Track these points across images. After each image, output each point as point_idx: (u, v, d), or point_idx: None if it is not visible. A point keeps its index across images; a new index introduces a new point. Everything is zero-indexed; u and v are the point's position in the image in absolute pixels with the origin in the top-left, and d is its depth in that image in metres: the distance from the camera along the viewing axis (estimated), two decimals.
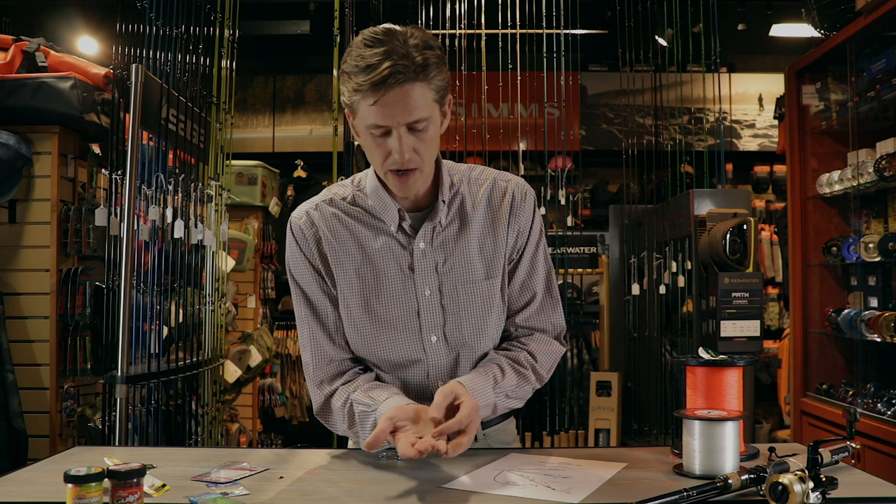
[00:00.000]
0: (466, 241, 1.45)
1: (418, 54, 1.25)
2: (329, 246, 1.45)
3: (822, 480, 1.09)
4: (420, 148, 1.31)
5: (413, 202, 1.44)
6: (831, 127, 3.37)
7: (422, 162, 1.34)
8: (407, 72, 1.23)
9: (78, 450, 1.54)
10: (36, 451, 2.60)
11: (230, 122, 3.39)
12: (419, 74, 1.25)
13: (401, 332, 1.44)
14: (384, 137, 1.30)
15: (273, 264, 5.41)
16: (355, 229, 1.45)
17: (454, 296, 1.44)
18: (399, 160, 1.30)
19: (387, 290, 1.44)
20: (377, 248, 1.44)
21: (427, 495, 1.19)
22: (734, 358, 1.39)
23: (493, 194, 1.48)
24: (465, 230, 1.45)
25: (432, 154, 1.36)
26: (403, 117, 1.26)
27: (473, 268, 1.45)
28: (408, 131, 1.29)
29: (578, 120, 5.89)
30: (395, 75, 1.22)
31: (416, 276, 1.43)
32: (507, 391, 1.42)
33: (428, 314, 1.44)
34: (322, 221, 1.45)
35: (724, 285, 3.28)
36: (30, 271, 2.76)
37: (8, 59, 2.82)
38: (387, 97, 1.24)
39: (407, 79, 1.24)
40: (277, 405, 5.16)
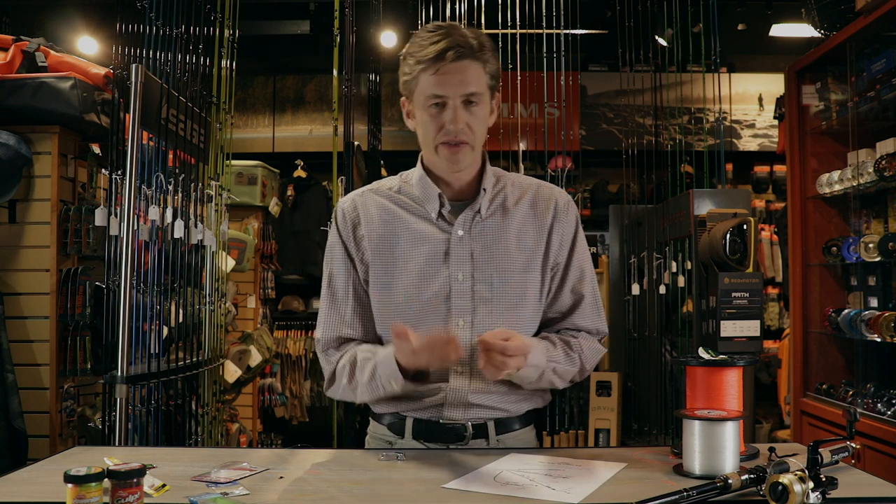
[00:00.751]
0: (505, 234, 1.52)
1: (475, 39, 1.42)
2: (368, 228, 1.54)
3: (822, 480, 1.09)
4: (472, 123, 1.44)
5: (456, 192, 1.53)
6: (831, 127, 3.37)
7: (472, 137, 1.45)
8: (464, 49, 1.40)
9: (78, 450, 1.54)
10: (36, 451, 2.60)
11: (230, 122, 3.38)
12: (475, 53, 1.41)
13: (429, 313, 1.49)
14: (440, 109, 1.43)
15: (273, 264, 5.41)
16: (397, 214, 1.54)
17: (487, 283, 1.49)
18: (453, 129, 1.43)
19: (419, 271, 1.50)
20: (416, 232, 1.52)
21: (427, 495, 1.19)
22: (734, 358, 1.39)
23: (537, 197, 1.57)
24: (506, 223, 1.53)
25: (481, 134, 1.48)
26: (459, 88, 1.41)
27: (510, 259, 1.51)
28: (462, 105, 1.42)
29: (578, 120, 5.88)
30: (455, 48, 1.39)
31: (451, 261, 1.49)
32: (556, 363, 1.49)
33: (458, 299, 1.49)
34: (365, 206, 1.56)
35: (724, 285, 3.28)
36: (30, 271, 2.76)
37: (8, 59, 2.82)
38: (446, 68, 1.40)
39: (464, 55, 1.40)
40: (277, 405, 5.16)
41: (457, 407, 1.50)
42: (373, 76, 3.93)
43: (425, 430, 1.52)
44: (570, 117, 4.82)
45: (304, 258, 5.56)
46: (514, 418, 1.55)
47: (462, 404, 1.50)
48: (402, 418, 1.54)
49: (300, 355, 5.53)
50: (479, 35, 1.44)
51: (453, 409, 1.50)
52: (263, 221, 5.16)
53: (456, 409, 1.50)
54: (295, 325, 5.62)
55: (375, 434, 1.61)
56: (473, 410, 1.51)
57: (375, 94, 3.98)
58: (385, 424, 1.57)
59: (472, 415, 1.51)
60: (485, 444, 1.52)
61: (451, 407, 1.50)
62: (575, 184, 4.81)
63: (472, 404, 1.50)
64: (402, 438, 1.54)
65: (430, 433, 1.51)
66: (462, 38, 1.40)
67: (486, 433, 1.52)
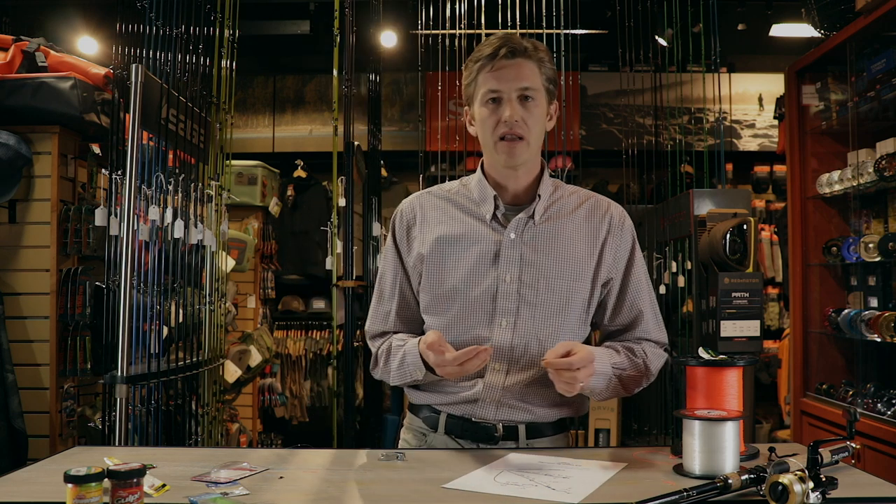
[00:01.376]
0: (557, 241, 1.55)
1: (529, 43, 1.51)
2: (423, 227, 1.60)
3: (822, 480, 1.09)
4: (528, 118, 1.50)
5: (512, 196, 1.58)
6: (831, 127, 3.37)
7: (528, 132, 1.50)
8: (517, 48, 1.49)
9: (78, 450, 1.54)
10: (36, 451, 2.60)
11: (230, 122, 3.38)
12: (528, 52, 1.50)
13: (476, 310, 1.53)
14: (497, 105, 1.50)
15: (273, 264, 5.41)
16: (453, 213, 1.60)
17: (534, 287, 1.52)
18: (509, 121, 1.48)
19: (469, 269, 1.54)
20: (469, 231, 1.57)
21: (427, 495, 1.19)
22: (734, 358, 1.39)
23: (593, 210, 1.60)
24: (558, 231, 1.55)
25: (538, 133, 1.53)
26: (515, 83, 1.48)
27: (559, 266, 1.53)
28: (518, 100, 1.49)
29: (578, 120, 5.88)
30: (508, 46, 1.48)
31: (500, 263, 1.53)
32: (621, 369, 1.52)
33: (504, 299, 1.52)
34: (422, 207, 1.63)
35: (724, 285, 3.28)
36: (30, 271, 2.76)
37: (8, 59, 2.82)
38: (502, 63, 1.48)
39: (518, 53, 1.49)
40: (277, 405, 5.16)
41: (489, 404, 1.52)
42: (373, 76, 3.93)
43: (457, 427, 1.54)
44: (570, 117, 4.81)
45: (304, 258, 5.56)
46: (546, 424, 1.56)
47: (494, 402, 1.52)
48: (437, 412, 1.57)
49: (300, 355, 5.53)
50: (535, 42, 1.53)
51: (486, 406, 1.52)
52: (263, 221, 5.15)
53: (488, 406, 1.52)
54: (295, 325, 5.62)
55: (412, 426, 1.64)
56: (504, 410, 1.53)
57: (375, 94, 3.98)
58: (421, 417, 1.61)
59: (503, 415, 1.53)
60: (514, 446, 1.53)
61: (483, 403, 1.52)
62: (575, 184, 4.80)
63: (504, 403, 1.52)
64: (434, 433, 1.57)
65: (462, 430, 1.54)
66: (516, 40, 1.50)
67: (516, 435, 1.53)
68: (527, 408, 1.53)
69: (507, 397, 1.52)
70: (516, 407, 1.52)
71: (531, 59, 1.49)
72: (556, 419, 1.58)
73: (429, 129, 4.94)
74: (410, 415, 1.65)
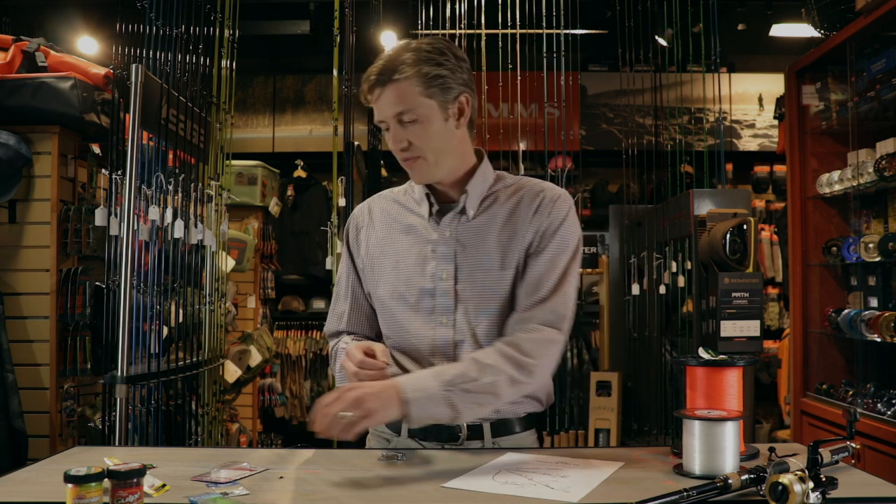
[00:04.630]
0: (489, 233, 1.53)
1: (391, 63, 1.46)
2: (369, 230, 1.63)
3: (822, 480, 1.09)
4: (414, 139, 1.48)
5: (444, 194, 1.58)
6: (831, 127, 3.37)
7: (422, 151, 1.49)
8: (377, 77, 1.46)
9: (78, 450, 1.54)
10: (36, 451, 2.60)
11: (230, 122, 3.38)
12: (391, 76, 1.45)
13: (416, 310, 1.53)
14: (388, 132, 1.50)
15: (273, 264, 5.41)
16: (398, 215, 1.61)
17: (468, 283, 1.51)
18: (393, 148, 1.50)
19: (409, 269, 1.55)
20: (410, 232, 1.58)
21: (427, 495, 1.19)
22: (734, 358, 1.39)
23: (525, 196, 1.57)
24: (490, 223, 1.54)
25: (434, 146, 1.49)
26: (389, 110, 1.47)
27: (491, 258, 1.52)
28: (398, 124, 1.47)
29: (578, 120, 5.88)
30: (377, 76, 1.46)
31: (437, 260, 1.53)
32: (467, 382, 1.38)
33: (442, 297, 1.52)
34: (371, 210, 1.66)
35: (724, 285, 3.28)
36: (30, 271, 2.76)
37: (8, 59, 2.82)
38: (373, 97, 1.49)
39: (378, 83, 1.46)
40: (277, 405, 5.16)
41: None
42: None
43: (420, 429, 1.52)
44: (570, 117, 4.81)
45: (304, 258, 5.55)
46: (511, 421, 1.55)
47: None
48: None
49: (300, 355, 5.53)
50: (399, 55, 1.46)
51: None
52: (263, 221, 5.15)
53: None
54: (295, 325, 5.62)
55: (376, 431, 1.62)
56: None
57: None
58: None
59: None
60: (480, 446, 1.52)
61: None
62: (575, 184, 4.81)
63: None
64: (398, 436, 1.56)
65: (425, 432, 1.52)
66: (376, 67, 1.46)
67: (481, 434, 1.52)
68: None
69: None
70: None
71: (394, 82, 1.44)
72: (524, 414, 1.56)
73: None
74: None
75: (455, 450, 1.50)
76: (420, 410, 1.36)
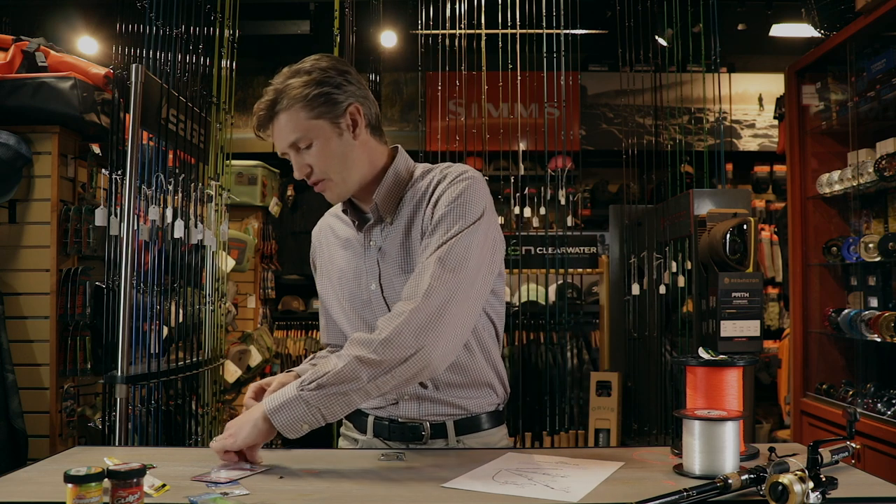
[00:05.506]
0: (404, 233, 1.50)
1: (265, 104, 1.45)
2: (319, 248, 1.68)
3: (822, 480, 1.09)
4: (315, 162, 1.46)
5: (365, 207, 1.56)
6: (831, 127, 3.37)
7: (326, 173, 1.47)
8: (262, 114, 1.46)
9: (78, 450, 1.54)
10: (36, 451, 2.60)
11: (230, 122, 3.38)
12: (273, 111, 1.44)
13: (364, 322, 1.55)
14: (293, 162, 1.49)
15: (273, 264, 5.41)
16: (339, 231, 1.63)
17: (392, 289, 1.51)
18: (298, 176, 1.48)
19: (349, 283, 1.57)
20: (347, 245, 1.60)
21: (427, 495, 1.19)
22: (734, 358, 1.39)
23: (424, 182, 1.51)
24: (406, 222, 1.50)
25: (336, 164, 1.46)
26: (282, 143, 1.46)
27: (404, 260, 1.50)
28: (296, 152, 1.46)
29: (578, 120, 5.88)
30: (258, 115, 1.46)
31: (367, 271, 1.54)
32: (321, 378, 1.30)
33: (376, 306, 1.52)
34: (321, 228, 1.70)
35: (724, 285, 3.28)
36: (30, 271, 2.76)
37: (8, 59, 2.82)
38: (266, 134, 1.48)
39: (264, 119, 1.46)
40: None
41: (409, 402, 1.52)
42: (373, 76, 3.93)
43: (384, 429, 1.55)
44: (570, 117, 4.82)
45: (304, 258, 5.50)
46: (478, 417, 1.54)
47: (414, 397, 1.52)
48: (365, 416, 1.58)
49: (300, 355, 5.53)
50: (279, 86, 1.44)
51: (407, 405, 1.53)
52: (263, 221, 5.15)
53: (409, 404, 1.52)
54: (295, 325, 5.62)
55: (346, 432, 1.66)
56: (427, 406, 1.52)
57: (375, 94, 3.98)
58: (351, 422, 1.63)
59: (427, 411, 1.52)
60: (444, 445, 1.52)
61: (403, 403, 1.53)
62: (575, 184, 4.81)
63: (425, 398, 1.52)
64: (364, 436, 1.58)
65: (389, 432, 1.54)
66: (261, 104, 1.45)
67: (444, 433, 1.52)
68: (447, 400, 1.52)
69: (423, 392, 1.51)
70: (437, 401, 1.51)
71: (278, 115, 1.43)
72: (491, 409, 1.56)
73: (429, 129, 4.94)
74: (345, 420, 1.65)
75: (455, 450, 1.50)
76: (282, 418, 1.31)
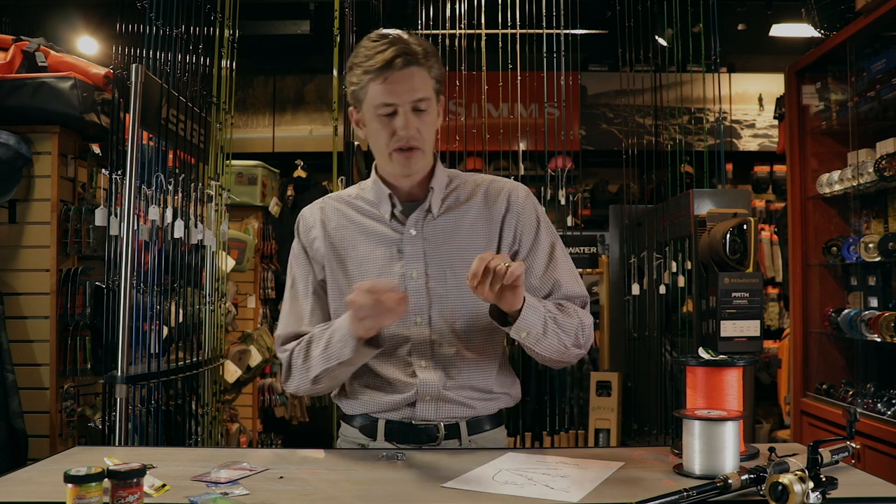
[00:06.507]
0: (457, 231, 1.54)
1: (418, 46, 1.45)
2: (326, 233, 1.59)
3: (822, 480, 1.09)
4: (422, 128, 1.47)
5: (408, 194, 1.56)
6: (831, 127, 3.37)
7: (423, 142, 1.48)
8: (410, 56, 1.43)
9: (78, 450, 1.54)
10: (36, 451, 2.59)
11: (230, 122, 3.38)
12: (420, 60, 1.44)
13: None
14: (390, 118, 1.46)
15: (273, 264, 5.40)
16: (353, 218, 1.59)
17: (441, 280, 1.51)
18: (405, 135, 1.46)
19: (375, 271, 1.53)
20: (371, 234, 1.56)
21: (427, 495, 1.19)
22: (734, 358, 1.39)
23: (489, 192, 1.59)
24: (458, 221, 1.55)
25: (431, 138, 1.51)
26: (409, 95, 1.44)
27: (462, 255, 1.51)
28: (412, 111, 1.45)
29: (578, 120, 5.89)
30: (403, 56, 1.42)
31: (405, 260, 1.52)
32: (552, 312, 1.45)
33: (414, 296, 1.51)
34: (326, 212, 1.61)
35: (724, 285, 3.28)
36: (30, 271, 2.76)
37: (8, 59, 2.82)
38: (394, 76, 1.42)
39: (410, 62, 1.43)
40: (277, 405, 5.15)
41: (429, 403, 1.51)
42: None
43: (398, 432, 1.52)
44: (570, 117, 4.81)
45: None
46: (484, 418, 1.56)
47: (434, 398, 1.51)
48: (374, 420, 1.55)
49: None
50: (422, 42, 1.48)
51: (426, 406, 1.51)
52: (263, 221, 5.15)
53: (428, 406, 1.51)
54: None
55: (347, 437, 1.61)
56: (445, 408, 1.51)
57: None
58: (356, 427, 1.58)
59: (443, 413, 1.52)
60: (457, 445, 1.52)
61: (422, 404, 1.51)
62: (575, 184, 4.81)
63: (444, 398, 1.51)
64: (374, 441, 1.55)
65: (403, 435, 1.52)
66: (408, 46, 1.43)
67: (458, 433, 1.53)
68: (465, 402, 1.52)
69: (444, 394, 1.50)
70: (456, 401, 1.52)
71: (422, 67, 1.44)
72: (496, 411, 1.58)
73: None
74: (345, 425, 1.62)
75: (455, 450, 1.50)
76: (527, 316, 1.40)
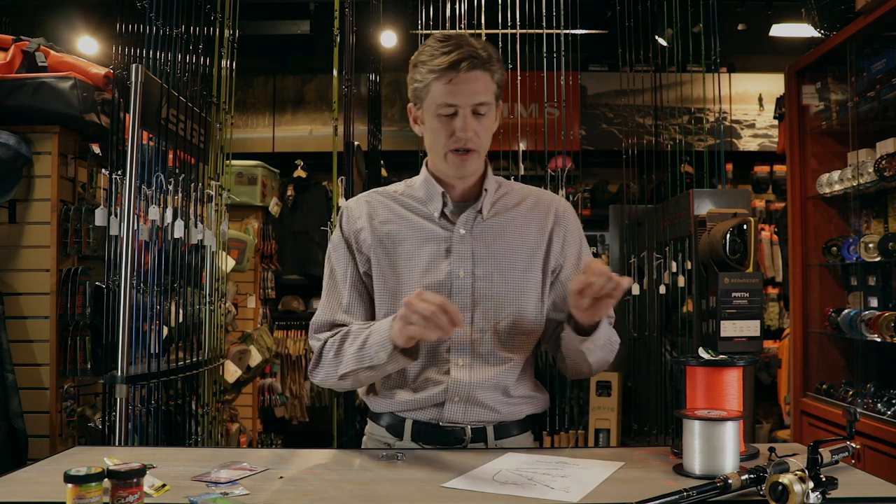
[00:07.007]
0: (506, 234, 1.56)
1: (484, 51, 1.47)
2: (372, 227, 1.58)
3: (822, 480, 1.09)
4: (480, 131, 1.49)
5: (458, 194, 1.58)
6: (831, 127, 3.37)
7: (480, 145, 1.50)
8: (476, 60, 1.45)
9: (78, 450, 1.54)
10: (36, 451, 2.60)
11: (230, 122, 3.38)
12: (485, 64, 1.46)
13: None
14: (450, 118, 1.48)
15: (273, 264, 5.41)
16: (401, 213, 1.59)
17: (488, 280, 1.52)
18: (463, 137, 1.47)
19: (423, 268, 1.53)
20: (419, 230, 1.56)
21: (427, 495, 1.19)
22: (734, 358, 1.39)
23: (538, 203, 1.62)
24: (507, 224, 1.57)
25: (487, 142, 1.53)
26: (470, 98, 1.46)
27: (511, 258, 1.54)
28: (472, 114, 1.47)
29: (578, 120, 5.88)
30: (469, 59, 1.44)
31: (453, 259, 1.53)
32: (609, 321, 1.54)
33: (460, 294, 1.52)
34: (371, 206, 1.61)
35: (724, 285, 3.28)
36: (30, 271, 2.76)
37: (8, 59, 2.82)
38: (458, 78, 1.44)
39: (475, 65, 1.45)
40: (277, 405, 5.16)
41: (457, 404, 1.50)
42: (373, 76, 3.93)
43: (425, 433, 1.52)
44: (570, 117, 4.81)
45: (304, 258, 5.56)
46: (512, 423, 1.56)
47: (463, 400, 1.50)
48: (402, 420, 1.55)
49: (300, 355, 5.53)
50: (486, 46, 1.49)
51: (454, 408, 1.50)
52: (263, 221, 5.15)
53: (457, 407, 1.50)
54: (295, 325, 5.61)
55: (373, 435, 1.61)
56: (474, 410, 1.51)
57: (375, 94, 3.98)
58: (383, 425, 1.58)
59: (471, 416, 1.51)
60: (483, 447, 1.52)
61: (451, 405, 1.50)
62: (575, 184, 4.81)
63: (474, 401, 1.50)
64: (400, 440, 1.55)
65: (430, 436, 1.52)
66: (473, 50, 1.46)
67: (484, 437, 1.53)
68: (494, 406, 1.52)
69: (474, 395, 1.50)
70: (484, 405, 1.51)
71: (486, 71, 1.47)
72: (523, 416, 1.58)
73: None
74: (371, 423, 1.62)
75: (454, 450, 1.50)
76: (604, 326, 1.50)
